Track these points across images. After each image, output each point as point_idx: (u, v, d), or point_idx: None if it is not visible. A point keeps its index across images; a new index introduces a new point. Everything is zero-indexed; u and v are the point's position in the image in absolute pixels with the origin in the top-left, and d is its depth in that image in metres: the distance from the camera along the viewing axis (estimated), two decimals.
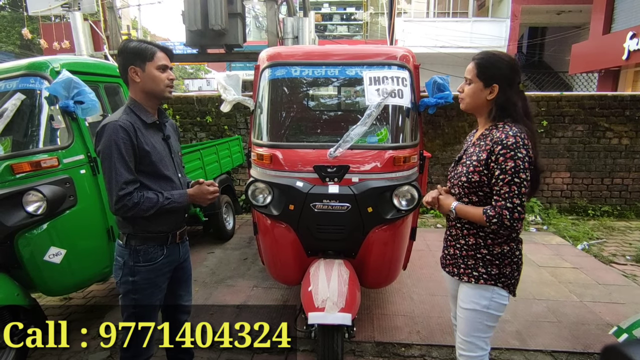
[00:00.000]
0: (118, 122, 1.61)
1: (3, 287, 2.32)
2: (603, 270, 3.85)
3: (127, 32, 9.85)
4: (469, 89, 1.60)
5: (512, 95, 1.55)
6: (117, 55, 1.77)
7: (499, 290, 1.58)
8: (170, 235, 1.81)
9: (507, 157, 1.44)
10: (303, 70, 2.54)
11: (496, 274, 1.58)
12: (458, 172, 1.64)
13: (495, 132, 1.52)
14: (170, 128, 1.91)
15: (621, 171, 5.62)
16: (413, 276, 3.61)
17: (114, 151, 1.59)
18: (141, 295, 1.77)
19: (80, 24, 6.91)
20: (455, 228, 1.70)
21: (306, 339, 2.61)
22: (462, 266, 1.65)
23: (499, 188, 1.47)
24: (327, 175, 2.29)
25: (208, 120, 5.89)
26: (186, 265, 2.00)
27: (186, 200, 1.78)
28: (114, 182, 1.60)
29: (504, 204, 1.45)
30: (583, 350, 2.58)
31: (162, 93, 1.74)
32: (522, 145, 1.45)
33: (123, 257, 1.75)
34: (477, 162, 1.54)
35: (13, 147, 2.59)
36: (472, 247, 1.62)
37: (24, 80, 2.57)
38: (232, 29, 6.15)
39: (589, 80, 13.77)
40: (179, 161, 1.92)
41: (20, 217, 2.32)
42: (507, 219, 1.44)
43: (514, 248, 1.60)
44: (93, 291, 3.52)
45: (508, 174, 1.44)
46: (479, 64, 1.56)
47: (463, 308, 1.65)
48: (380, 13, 20.75)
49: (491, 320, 1.62)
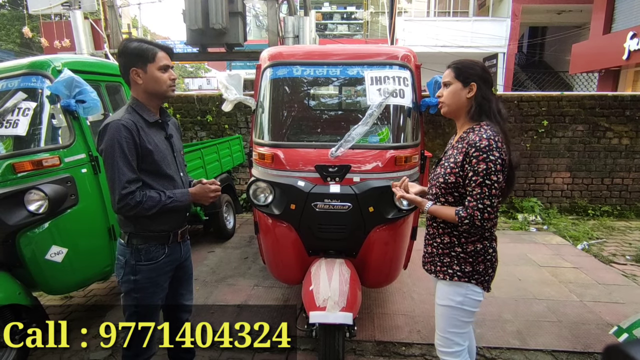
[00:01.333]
0: (121, 121, 1.61)
1: (5, 286, 2.32)
2: (603, 270, 3.86)
3: (128, 30, 9.83)
4: (449, 91, 1.66)
5: (488, 93, 1.62)
6: (118, 56, 1.76)
7: (472, 286, 1.64)
8: (171, 234, 1.81)
9: (480, 160, 1.49)
10: (304, 70, 2.54)
11: (469, 271, 1.63)
12: (437, 173, 1.70)
13: (472, 135, 1.57)
14: (173, 127, 1.91)
15: (621, 171, 5.63)
16: (413, 275, 3.61)
17: (117, 150, 1.59)
18: (143, 294, 1.77)
19: (81, 23, 6.90)
20: (432, 227, 1.76)
21: (307, 338, 2.62)
22: (439, 264, 1.71)
23: (471, 189, 1.52)
24: (329, 174, 2.29)
25: (209, 120, 5.89)
26: (187, 264, 2.00)
27: (188, 199, 1.79)
28: (116, 181, 1.60)
29: (475, 204, 1.50)
30: (583, 349, 2.59)
31: (165, 93, 1.75)
32: (495, 148, 1.49)
33: (125, 256, 1.76)
34: (454, 164, 1.59)
35: (14, 146, 2.59)
36: (447, 246, 1.68)
37: (25, 79, 2.57)
38: (232, 27, 6.14)
39: (589, 80, 13.77)
40: (181, 160, 1.92)
41: (22, 216, 2.32)
42: (477, 220, 1.50)
43: (487, 246, 1.65)
44: (94, 290, 3.52)
45: (480, 175, 1.49)
46: (456, 67, 1.65)
47: (439, 304, 1.72)
48: (380, 12, 20.74)
49: (466, 316, 1.67)
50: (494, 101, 1.62)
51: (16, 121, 2.41)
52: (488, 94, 1.62)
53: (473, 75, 1.61)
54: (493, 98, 1.63)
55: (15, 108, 2.45)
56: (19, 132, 2.42)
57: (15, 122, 2.41)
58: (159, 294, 1.83)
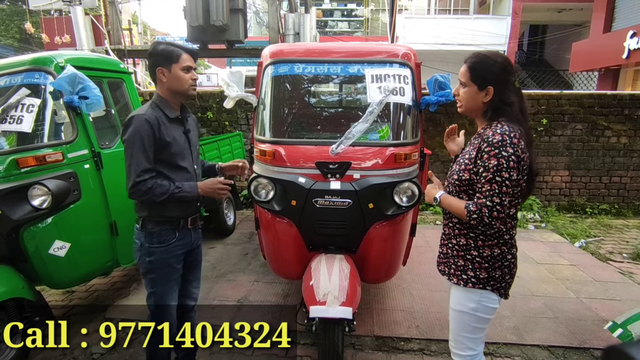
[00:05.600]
0: (144, 116, 1.77)
1: (9, 280, 2.35)
2: (600, 267, 3.90)
3: (128, 27, 9.82)
4: (464, 93, 1.59)
5: (508, 95, 1.54)
6: (148, 57, 1.92)
7: (487, 293, 1.57)
8: (182, 221, 1.93)
9: (491, 155, 1.44)
10: (305, 68, 2.56)
11: (484, 278, 1.57)
12: (453, 170, 1.66)
13: (487, 131, 1.52)
14: (192, 122, 2.07)
15: (619, 170, 5.66)
16: (413, 272, 3.65)
17: (137, 141, 1.74)
18: (157, 274, 1.91)
19: (81, 19, 6.89)
20: (448, 227, 1.70)
21: (307, 333, 2.65)
22: (453, 267, 1.65)
23: (480, 185, 1.47)
24: (329, 171, 2.31)
25: (209, 116, 5.90)
26: (197, 251, 2.12)
27: (196, 191, 1.89)
28: (133, 168, 1.75)
29: (484, 201, 1.45)
30: (579, 345, 2.62)
31: (187, 92, 1.89)
32: (508, 143, 1.43)
33: (140, 239, 1.90)
34: (468, 160, 1.55)
35: (18, 141, 2.61)
36: (463, 248, 1.62)
37: (28, 75, 2.59)
38: (233, 24, 6.15)
39: (589, 79, 13.78)
40: (197, 154, 2.06)
41: (25, 211, 2.35)
42: (486, 217, 1.44)
43: (505, 252, 1.57)
44: (95, 285, 3.55)
45: (490, 171, 1.44)
46: (472, 68, 1.56)
47: (452, 309, 1.67)
48: (381, 9, 20.70)
49: (479, 322, 1.62)
50: (514, 104, 1.53)
51: (20, 117, 2.43)
52: (507, 96, 1.53)
53: (490, 80, 1.53)
54: (514, 99, 1.54)
55: (19, 104, 2.47)
56: (24, 128, 2.44)
57: (19, 118, 2.43)
58: (172, 274, 1.95)
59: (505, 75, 1.53)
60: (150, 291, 1.94)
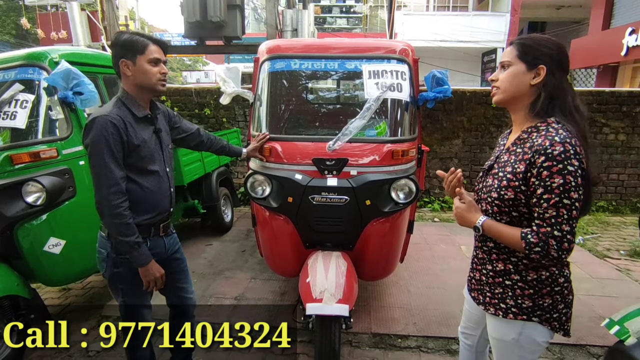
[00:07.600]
0: (108, 117, 1.57)
1: (3, 278, 2.33)
2: (597, 264, 3.90)
3: (125, 22, 9.76)
4: (507, 73, 1.27)
5: (564, 81, 1.23)
6: (111, 48, 1.74)
7: (533, 325, 1.28)
8: (152, 228, 1.78)
9: (554, 172, 1.13)
10: (302, 63, 2.54)
11: (528, 307, 1.27)
12: (488, 185, 1.33)
13: (537, 137, 1.20)
14: (163, 120, 1.87)
15: (617, 167, 5.66)
16: (410, 269, 3.64)
17: (104, 147, 1.56)
18: (127, 285, 1.76)
19: (78, 14, 6.85)
20: (481, 251, 1.40)
21: (304, 330, 2.64)
22: (488, 295, 1.37)
23: (542, 211, 1.16)
24: (326, 168, 2.30)
25: (206, 113, 5.87)
26: (179, 256, 1.98)
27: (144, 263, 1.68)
28: (103, 178, 1.58)
29: (549, 231, 1.14)
30: (576, 342, 2.62)
31: (154, 87, 1.70)
32: (573, 155, 1.13)
33: (105, 248, 1.73)
34: (513, 175, 1.23)
35: (12, 137, 2.59)
36: (500, 274, 1.32)
37: (22, 71, 2.57)
38: (231, 20, 6.11)
39: (587, 76, 13.78)
40: (169, 153, 1.88)
41: (19, 208, 2.33)
42: (553, 250, 1.14)
43: (556, 274, 1.26)
44: (92, 282, 3.54)
45: (555, 193, 1.13)
46: (522, 44, 1.26)
47: (492, 337, 1.41)
48: (379, 6, 20.62)
49: (525, 352, 1.32)
50: (570, 93, 1.25)
51: (14, 113, 2.41)
52: (563, 82, 1.23)
53: (544, 56, 1.22)
54: (570, 89, 1.25)
55: (13, 100, 2.44)
56: (18, 124, 2.42)
57: (13, 114, 2.41)
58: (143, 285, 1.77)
59: (561, 56, 1.24)
60: (121, 300, 1.78)
